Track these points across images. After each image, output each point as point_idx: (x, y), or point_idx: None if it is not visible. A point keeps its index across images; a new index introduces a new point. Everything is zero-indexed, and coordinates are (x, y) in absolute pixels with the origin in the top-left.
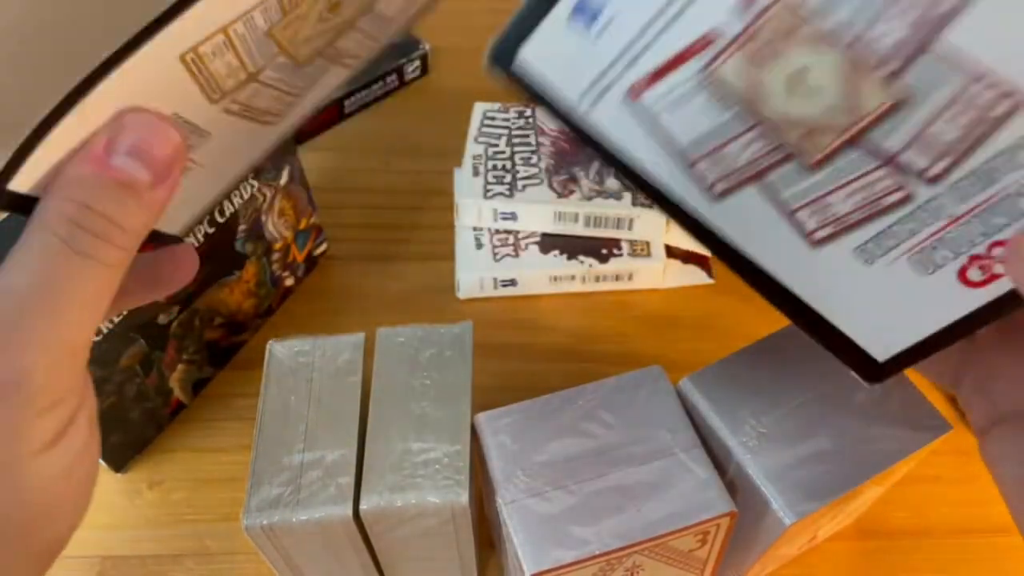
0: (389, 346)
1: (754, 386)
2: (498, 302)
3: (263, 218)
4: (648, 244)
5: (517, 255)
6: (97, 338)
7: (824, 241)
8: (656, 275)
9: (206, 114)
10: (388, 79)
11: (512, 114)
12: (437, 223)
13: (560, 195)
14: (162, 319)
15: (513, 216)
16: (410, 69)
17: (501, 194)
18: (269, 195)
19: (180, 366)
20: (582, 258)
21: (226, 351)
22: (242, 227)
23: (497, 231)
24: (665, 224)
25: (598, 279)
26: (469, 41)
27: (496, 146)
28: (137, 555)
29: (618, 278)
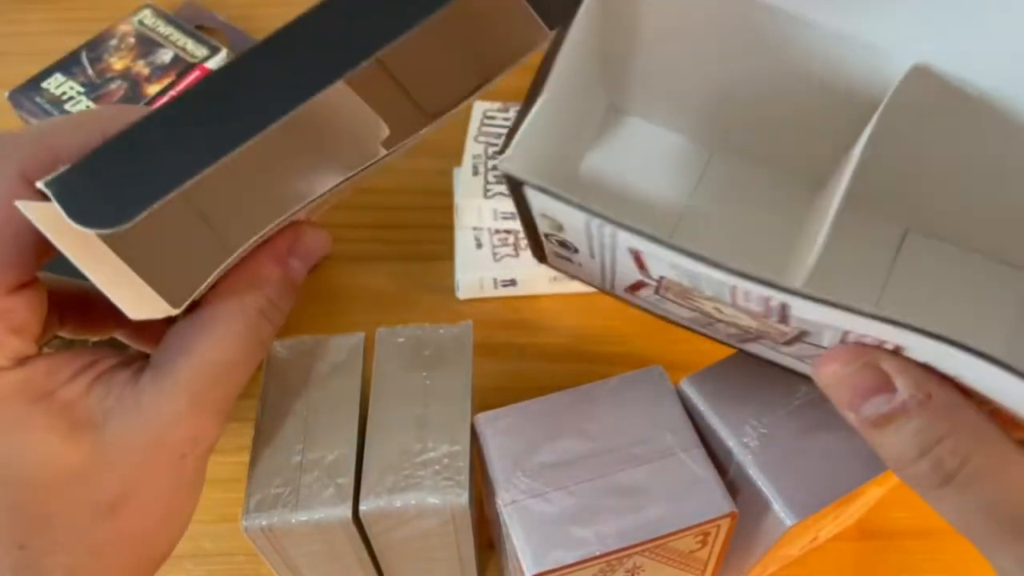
0: (389, 346)
1: (755, 386)
2: (498, 302)
3: None
4: None
5: (517, 255)
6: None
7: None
8: None
9: None
10: None
11: (512, 114)
12: (437, 223)
13: None
14: None
15: (513, 216)
16: None
17: (501, 194)
18: None
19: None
20: None
21: None
22: None
23: (497, 231)
24: None
25: None
26: None
27: (496, 145)
28: None
29: None
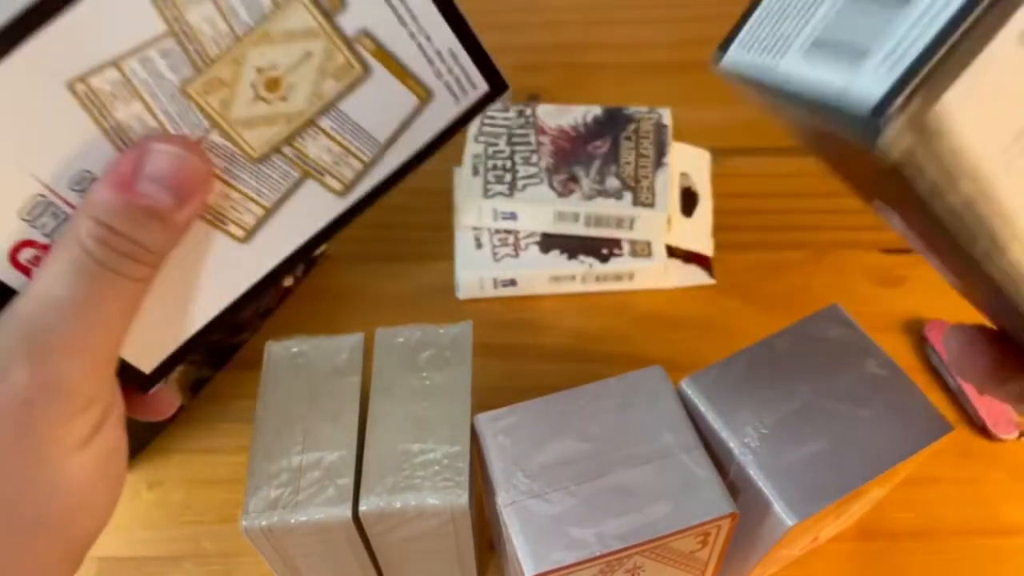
0: (388, 346)
1: (755, 387)
2: (498, 302)
3: None
4: (649, 244)
5: (517, 255)
6: None
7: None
8: (657, 275)
9: None
10: None
11: (512, 113)
12: (437, 223)
13: (560, 195)
14: None
15: (513, 216)
16: None
17: (501, 194)
18: None
19: (179, 367)
20: (582, 258)
21: (225, 352)
22: None
23: (497, 231)
24: (666, 224)
25: (598, 279)
26: None
27: (496, 145)
28: (135, 556)
29: (619, 278)
